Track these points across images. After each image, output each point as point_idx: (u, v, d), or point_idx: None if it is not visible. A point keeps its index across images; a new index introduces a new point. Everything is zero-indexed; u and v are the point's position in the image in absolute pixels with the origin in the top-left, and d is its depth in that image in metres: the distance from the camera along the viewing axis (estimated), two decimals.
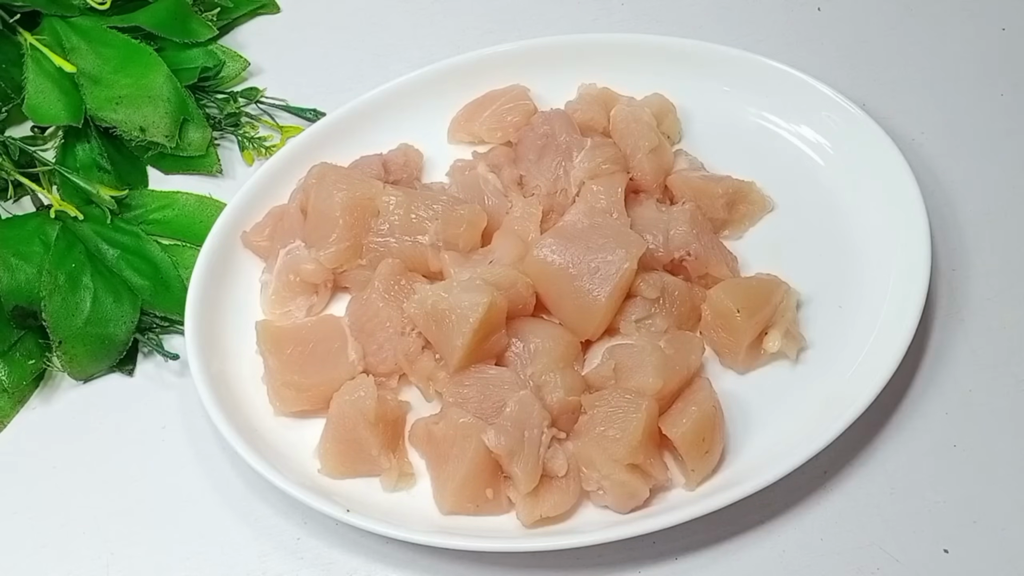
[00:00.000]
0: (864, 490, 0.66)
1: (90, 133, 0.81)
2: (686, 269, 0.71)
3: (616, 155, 0.74)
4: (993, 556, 0.63)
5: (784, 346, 0.68)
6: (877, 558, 0.63)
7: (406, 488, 0.65)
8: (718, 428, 0.64)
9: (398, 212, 0.71)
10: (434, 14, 0.91)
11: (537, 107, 0.78)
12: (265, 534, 0.66)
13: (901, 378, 0.69)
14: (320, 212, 0.71)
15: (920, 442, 0.67)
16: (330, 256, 0.71)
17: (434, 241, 0.70)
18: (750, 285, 0.69)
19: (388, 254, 0.71)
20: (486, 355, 0.66)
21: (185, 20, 0.87)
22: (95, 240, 0.76)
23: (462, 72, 0.80)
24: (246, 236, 0.74)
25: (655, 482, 0.63)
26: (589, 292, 0.67)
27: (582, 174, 0.73)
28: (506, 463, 0.62)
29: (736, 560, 0.64)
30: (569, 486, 0.63)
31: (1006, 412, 0.68)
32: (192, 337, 0.68)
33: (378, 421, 0.64)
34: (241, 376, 0.69)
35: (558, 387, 0.65)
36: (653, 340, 0.67)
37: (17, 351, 0.72)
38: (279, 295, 0.72)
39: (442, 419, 0.64)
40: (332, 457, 0.65)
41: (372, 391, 0.65)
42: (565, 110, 0.77)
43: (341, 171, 0.74)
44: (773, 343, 0.67)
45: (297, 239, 0.72)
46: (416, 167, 0.77)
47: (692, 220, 0.71)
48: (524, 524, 0.62)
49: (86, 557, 0.66)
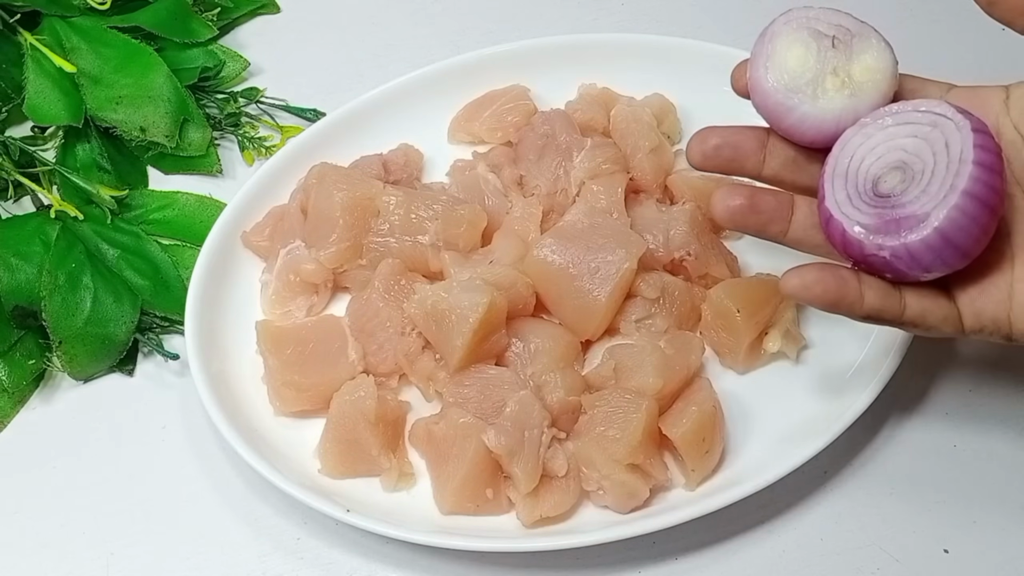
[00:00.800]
0: (864, 490, 0.66)
1: (90, 133, 0.81)
2: (686, 269, 0.71)
3: (616, 155, 0.74)
4: (993, 556, 0.63)
5: (784, 346, 0.68)
6: (877, 558, 0.63)
7: (406, 488, 0.65)
8: (718, 428, 0.64)
9: (398, 212, 0.71)
10: (434, 14, 0.91)
11: (537, 107, 0.78)
12: (265, 534, 0.66)
13: (901, 378, 0.69)
14: (320, 212, 0.71)
15: (920, 442, 0.67)
16: (330, 256, 0.71)
17: (434, 241, 0.70)
18: (750, 285, 0.69)
19: (388, 254, 0.71)
20: (486, 355, 0.66)
21: (185, 20, 0.87)
22: (95, 240, 0.76)
23: (462, 72, 0.80)
24: (246, 236, 0.74)
25: (655, 482, 0.63)
26: (589, 292, 0.67)
27: (582, 174, 0.73)
28: (506, 463, 0.62)
29: (736, 560, 0.64)
30: (569, 486, 0.63)
31: (1006, 412, 0.68)
32: (192, 337, 0.68)
33: (378, 421, 0.64)
34: (241, 376, 0.69)
35: (558, 387, 0.65)
36: (653, 340, 0.66)
37: (17, 351, 0.72)
38: (279, 295, 0.72)
39: (442, 419, 0.64)
40: (332, 457, 0.65)
41: (372, 391, 0.65)
42: (565, 110, 0.77)
43: (341, 171, 0.74)
44: (773, 343, 0.67)
45: (297, 239, 0.72)
46: (416, 167, 0.77)
47: (692, 220, 0.71)
48: (524, 524, 0.62)
49: (86, 557, 0.66)
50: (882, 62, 0.57)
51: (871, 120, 0.56)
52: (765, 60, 0.57)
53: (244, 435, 0.65)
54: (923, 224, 0.52)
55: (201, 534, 0.66)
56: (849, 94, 0.56)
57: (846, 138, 0.56)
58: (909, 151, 0.54)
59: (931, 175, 0.53)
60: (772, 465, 0.62)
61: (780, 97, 0.56)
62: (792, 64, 0.57)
